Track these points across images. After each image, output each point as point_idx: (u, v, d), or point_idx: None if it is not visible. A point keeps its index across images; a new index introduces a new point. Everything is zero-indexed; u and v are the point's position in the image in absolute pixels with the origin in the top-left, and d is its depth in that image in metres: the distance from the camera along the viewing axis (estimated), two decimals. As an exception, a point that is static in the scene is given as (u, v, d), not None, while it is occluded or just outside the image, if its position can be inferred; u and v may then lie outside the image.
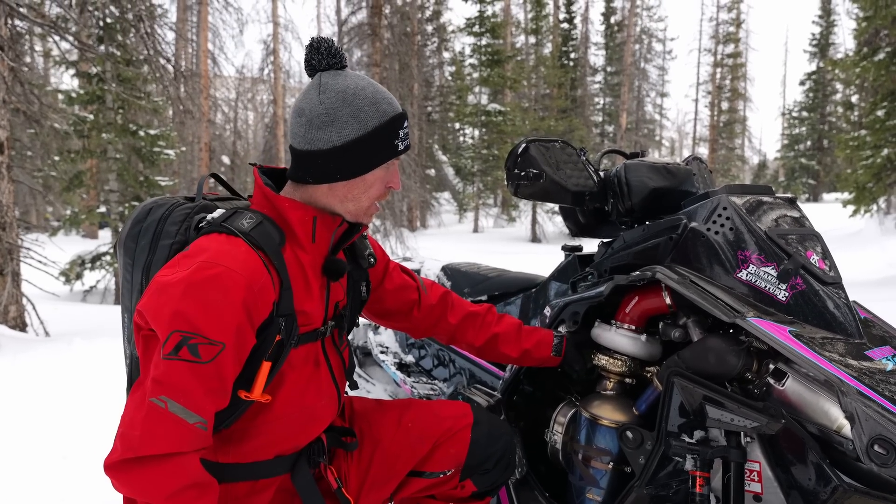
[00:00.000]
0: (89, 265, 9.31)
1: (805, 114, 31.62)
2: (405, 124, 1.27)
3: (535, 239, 17.10)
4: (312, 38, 1.25)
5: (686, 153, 37.13)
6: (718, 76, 31.36)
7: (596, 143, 25.84)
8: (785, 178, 31.98)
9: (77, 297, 8.80)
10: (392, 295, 1.57)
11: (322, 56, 1.23)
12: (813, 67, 31.11)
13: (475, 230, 18.83)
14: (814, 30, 31.43)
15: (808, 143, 31.68)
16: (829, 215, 15.46)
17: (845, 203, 9.92)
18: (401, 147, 1.26)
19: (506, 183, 1.82)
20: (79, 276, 9.16)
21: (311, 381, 1.28)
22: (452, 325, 1.63)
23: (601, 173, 1.84)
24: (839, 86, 28.75)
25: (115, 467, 1.05)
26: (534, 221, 17.25)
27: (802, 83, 31.72)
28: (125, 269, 1.29)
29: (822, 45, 31.02)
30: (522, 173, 1.72)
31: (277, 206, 1.23)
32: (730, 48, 30.85)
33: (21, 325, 5.44)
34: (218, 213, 1.23)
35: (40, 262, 5.91)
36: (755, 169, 38.43)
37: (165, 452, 1.04)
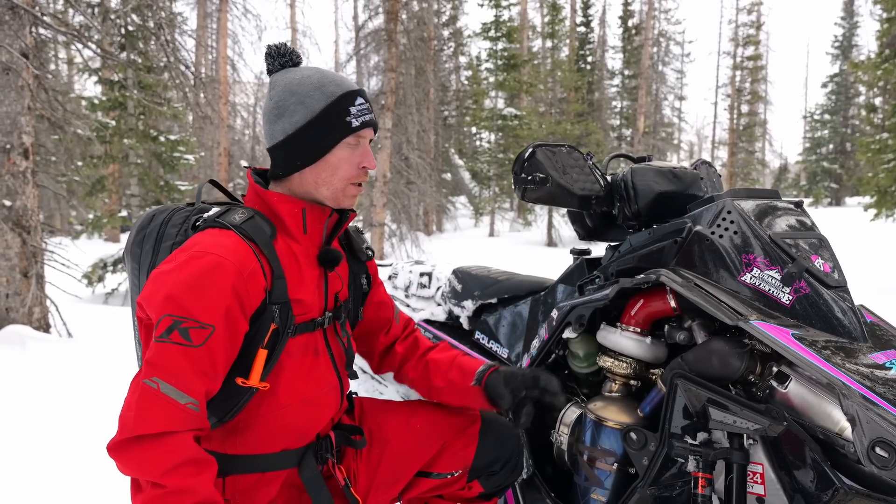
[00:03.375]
0: (111, 268, 9.46)
1: (827, 116, 31.20)
2: (357, 101, 1.27)
3: (550, 243, 17.04)
4: (267, 46, 1.31)
5: (706, 157, 36.78)
6: (738, 79, 31.03)
7: (613, 147, 25.70)
8: (807, 182, 31.54)
9: (99, 300, 8.94)
10: (373, 308, 1.57)
11: (274, 59, 1.30)
12: (835, 69, 30.71)
13: (491, 234, 18.81)
14: (836, 31, 31.07)
15: (831, 146, 31.23)
16: (851, 219, 15.22)
17: (867, 207, 9.77)
18: (355, 123, 1.26)
19: (513, 187, 1.85)
20: (100, 279, 9.30)
21: (312, 371, 1.32)
22: (399, 354, 1.58)
23: (608, 177, 1.86)
24: (862, 88, 28.36)
25: (115, 448, 1.10)
26: (549, 225, 17.20)
27: (825, 85, 31.32)
28: (132, 274, 1.36)
29: (845, 47, 30.61)
30: (529, 177, 1.75)
31: (267, 201, 1.29)
32: (749, 51, 30.53)
33: (45, 327, 5.56)
34: (213, 211, 1.29)
35: (63, 264, 6.04)
36: (776, 173, 37.91)
37: (158, 432, 1.08)
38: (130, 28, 8.41)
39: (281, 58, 1.30)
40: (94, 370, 4.28)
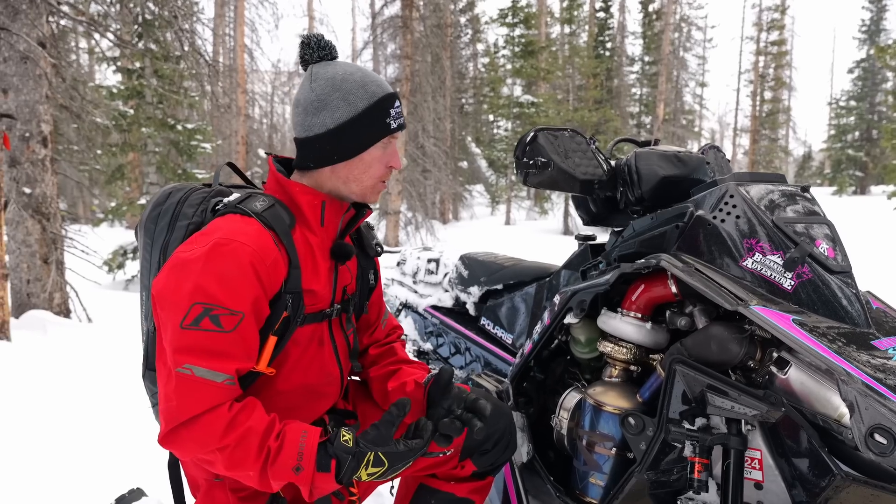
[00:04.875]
0: (131, 255, 9.61)
1: (853, 103, 30.44)
2: (396, 104, 1.32)
3: (567, 231, 16.94)
4: (303, 36, 1.32)
5: (727, 144, 36.21)
6: (761, 64, 30.42)
7: (632, 135, 25.37)
8: (831, 171, 30.90)
9: (119, 286, 9.09)
10: (367, 306, 1.58)
11: (312, 50, 1.31)
12: (862, 55, 29.96)
13: (507, 222, 18.76)
14: (864, 15, 30.30)
15: (856, 133, 30.50)
16: (875, 208, 14.91)
17: (890, 195, 9.56)
18: (393, 125, 1.30)
19: (515, 172, 1.84)
20: (120, 266, 9.46)
21: (315, 360, 1.34)
22: (371, 356, 1.59)
23: (612, 162, 1.84)
24: (889, 74, 27.64)
25: (167, 439, 1.14)
26: (566, 213, 17.09)
27: (851, 71, 30.57)
28: (144, 249, 1.38)
29: (872, 32, 29.84)
30: (531, 162, 1.74)
31: (289, 191, 1.30)
32: (774, 35, 29.89)
33: (65, 312, 5.68)
34: (234, 196, 1.30)
35: (83, 251, 6.15)
36: (800, 161, 37.20)
37: (203, 411, 1.11)
38: (147, 17, 8.48)
39: (320, 50, 1.31)
40: (114, 354, 4.37)
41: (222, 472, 1.14)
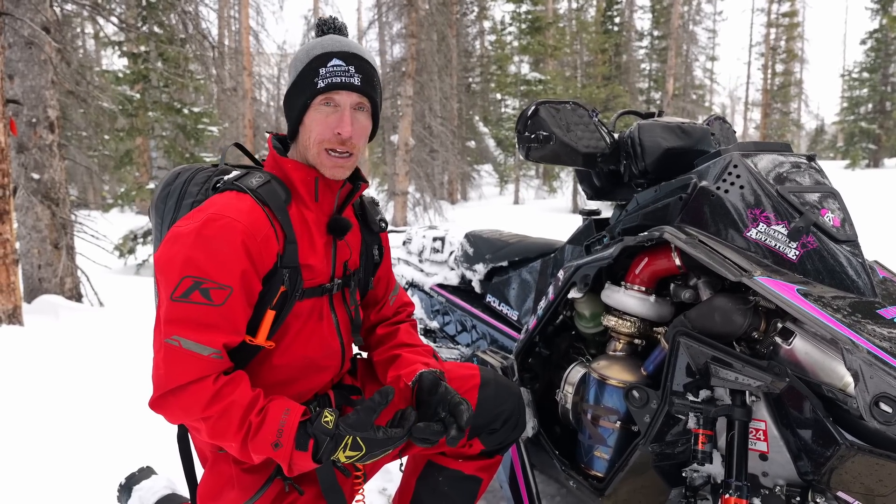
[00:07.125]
0: (141, 240, 9.68)
1: (866, 75, 29.84)
2: (331, 62, 1.23)
3: (576, 209, 16.85)
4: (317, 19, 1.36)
5: (738, 119, 35.73)
6: (773, 37, 29.88)
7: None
8: (844, 144, 30.42)
9: (130, 271, 9.17)
10: (373, 282, 1.57)
11: (328, 28, 1.32)
12: (875, 25, 29.29)
13: (516, 202, 18.67)
14: (878, -16, 29.54)
15: (870, 105, 29.94)
16: (889, 182, 14.70)
17: (904, 168, 9.39)
18: (321, 84, 1.23)
19: (517, 146, 1.82)
20: (131, 251, 9.54)
21: (315, 334, 1.35)
22: (377, 336, 1.57)
23: (615, 134, 1.82)
24: (904, 44, 27.08)
25: (155, 404, 1.18)
26: (575, 192, 16.99)
27: (864, 42, 29.92)
28: (156, 228, 1.41)
29: (885, 2, 29.06)
30: (532, 136, 1.72)
31: (283, 167, 1.32)
32: (785, 6, 29.32)
33: (77, 296, 5.73)
34: (233, 174, 1.32)
35: (93, 236, 6.20)
36: (812, 134, 36.64)
37: (188, 381, 1.14)
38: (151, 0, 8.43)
39: (317, 28, 1.34)
40: (125, 337, 4.42)
41: (207, 440, 1.18)
